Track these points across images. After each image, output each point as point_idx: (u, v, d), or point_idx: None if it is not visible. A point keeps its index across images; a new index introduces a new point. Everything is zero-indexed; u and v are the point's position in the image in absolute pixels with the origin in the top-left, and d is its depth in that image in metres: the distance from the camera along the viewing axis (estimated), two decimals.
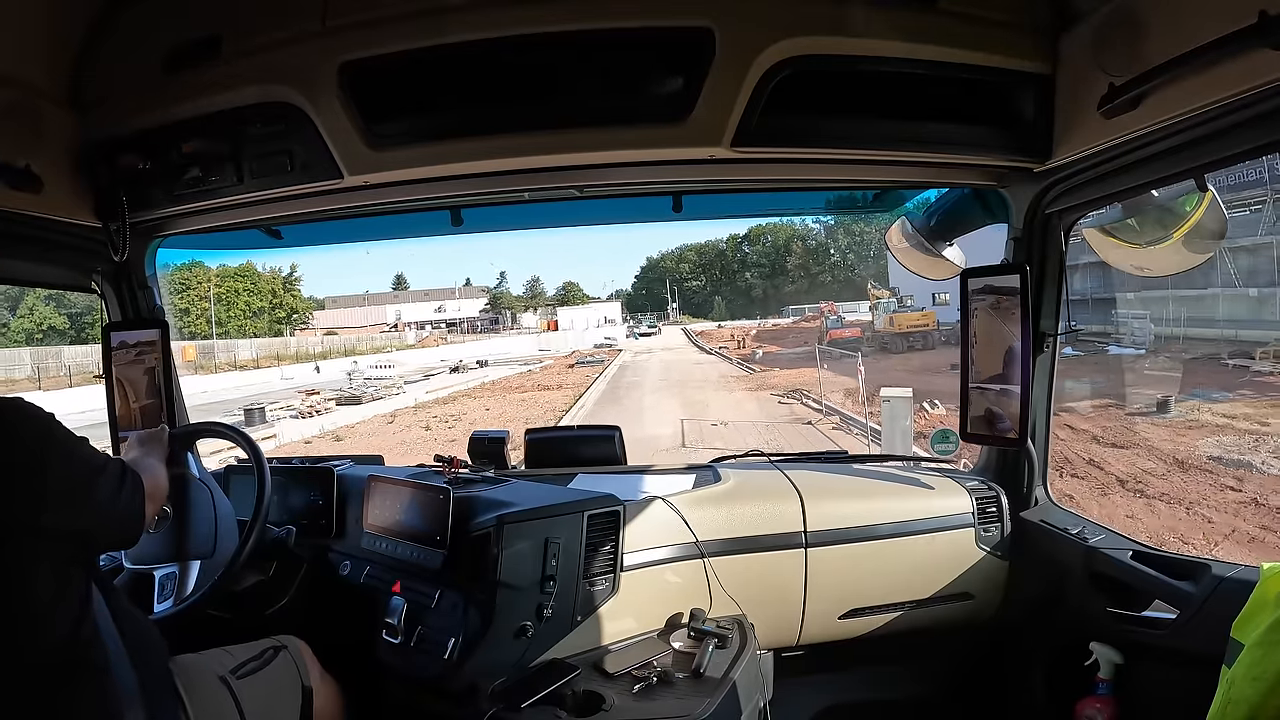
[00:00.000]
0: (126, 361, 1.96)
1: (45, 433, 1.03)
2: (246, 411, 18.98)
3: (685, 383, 21.98)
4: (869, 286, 36.97)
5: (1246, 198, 14.48)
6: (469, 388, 24.81)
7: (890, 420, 9.61)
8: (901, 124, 1.46)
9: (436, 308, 68.05)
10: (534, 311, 69.13)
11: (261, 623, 1.62)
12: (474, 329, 62.73)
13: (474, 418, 17.56)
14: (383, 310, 66.35)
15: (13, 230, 1.55)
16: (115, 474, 1.13)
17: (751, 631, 1.63)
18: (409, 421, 17.89)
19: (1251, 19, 0.97)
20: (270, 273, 54.20)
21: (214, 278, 47.36)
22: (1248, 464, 8.70)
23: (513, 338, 51.25)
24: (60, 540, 1.00)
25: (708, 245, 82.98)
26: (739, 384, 21.76)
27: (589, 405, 18.73)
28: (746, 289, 77.92)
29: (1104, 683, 1.56)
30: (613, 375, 26.50)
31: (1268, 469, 8.50)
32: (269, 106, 1.47)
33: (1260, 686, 1.04)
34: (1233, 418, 10.60)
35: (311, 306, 60.55)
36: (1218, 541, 6.93)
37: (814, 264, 73.26)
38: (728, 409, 16.36)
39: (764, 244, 77.65)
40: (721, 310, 75.72)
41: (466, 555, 1.49)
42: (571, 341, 46.01)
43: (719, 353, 34.24)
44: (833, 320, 32.19)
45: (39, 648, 0.97)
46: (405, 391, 23.84)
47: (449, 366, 32.99)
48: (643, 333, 55.62)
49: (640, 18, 1.35)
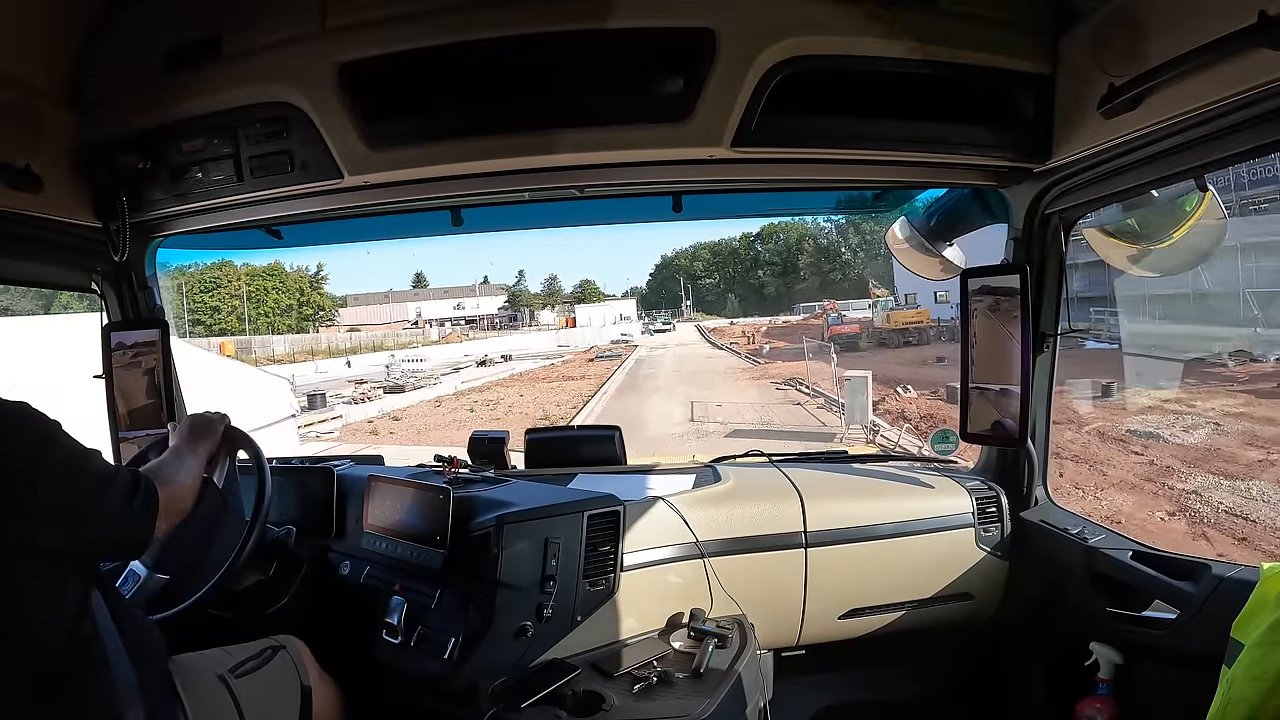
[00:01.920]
0: (127, 362, 1.96)
1: (44, 442, 1.00)
2: (309, 397, 20.07)
3: (696, 373, 24.19)
4: (870, 285, 40.23)
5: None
6: (499, 379, 26.85)
7: (851, 395, 12.70)
8: (901, 124, 1.46)
9: (455, 305, 69.13)
10: (552, 309, 70.04)
11: (261, 623, 1.61)
12: (493, 326, 63.93)
13: (511, 403, 19.68)
14: (403, 308, 67.27)
15: (13, 230, 1.55)
16: (126, 485, 1.10)
17: (751, 631, 1.63)
18: (453, 406, 19.99)
19: (1251, 19, 0.97)
20: (297, 271, 55.79)
21: (243, 275, 48.98)
22: (1157, 435, 10.16)
23: (532, 334, 52.39)
24: (57, 557, 0.98)
25: (721, 244, 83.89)
26: (744, 375, 23.84)
27: (611, 392, 20.94)
28: (759, 287, 78.43)
29: (1104, 683, 1.56)
30: (630, 367, 28.62)
31: (1172, 439, 9.96)
32: (269, 106, 1.47)
33: (1260, 686, 1.04)
34: (1165, 400, 11.87)
35: (336, 304, 61.84)
36: (1104, 488, 8.44)
37: (824, 263, 73.77)
38: (732, 394, 18.72)
39: (776, 243, 78.27)
40: (735, 307, 76.08)
41: (466, 555, 1.49)
42: (589, 338, 47.50)
43: (729, 348, 35.90)
44: (834, 317, 33.92)
45: (37, 652, 0.96)
46: (441, 382, 25.61)
47: (475, 361, 34.41)
48: (658, 329, 56.67)
49: (641, 18, 1.35)
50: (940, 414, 12.89)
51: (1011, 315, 1.72)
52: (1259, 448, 9.07)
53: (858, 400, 12.52)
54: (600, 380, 23.87)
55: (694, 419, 15.06)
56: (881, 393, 15.12)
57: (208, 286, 46.91)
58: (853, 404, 12.59)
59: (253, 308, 49.68)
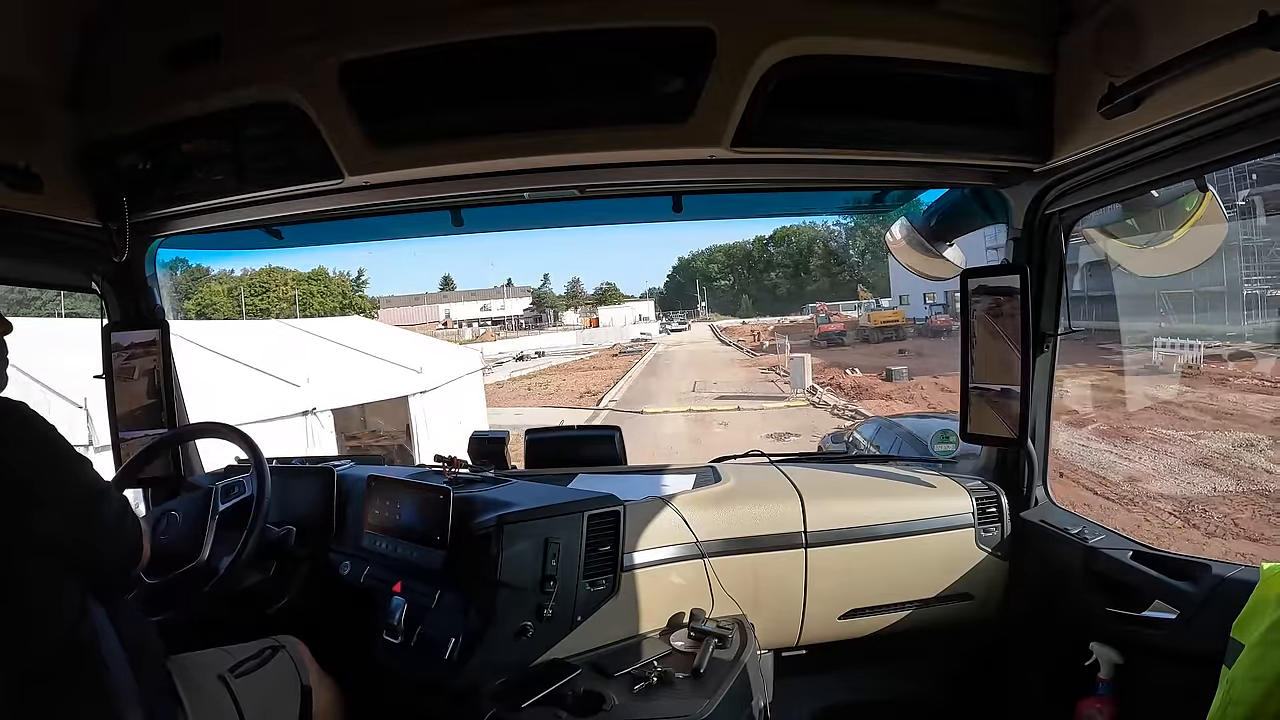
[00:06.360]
0: (127, 362, 1.96)
1: (41, 443, 1.02)
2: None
3: (704, 363, 30.37)
4: (858, 288, 46.81)
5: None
6: (541, 370, 31.56)
7: (795, 370, 20.19)
8: (901, 124, 1.46)
9: (481, 306, 70.89)
10: (575, 310, 72.26)
11: (261, 622, 1.61)
12: (520, 326, 65.84)
13: (557, 384, 25.40)
14: (434, 309, 69.09)
15: (13, 230, 1.54)
16: (119, 502, 1.12)
17: (751, 631, 1.63)
18: (512, 388, 24.95)
19: (1251, 19, 0.97)
20: (340, 276, 59.28)
21: (290, 280, 52.05)
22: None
23: (557, 334, 54.39)
24: (51, 553, 0.99)
25: (736, 246, 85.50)
26: (741, 365, 29.89)
27: (635, 376, 27.60)
28: (772, 288, 79.47)
29: (1104, 683, 1.56)
30: (649, 360, 34.77)
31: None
32: (269, 106, 1.47)
33: (1260, 687, 1.04)
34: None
35: (374, 307, 63.83)
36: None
37: (834, 264, 75.14)
38: (728, 377, 24.92)
39: (789, 245, 79.53)
40: (748, 308, 77.00)
41: (467, 555, 1.49)
42: (612, 337, 50.18)
43: (735, 345, 41.56)
44: (821, 317, 38.15)
45: (36, 651, 0.96)
46: (492, 372, 28.98)
47: (513, 356, 37.62)
48: (674, 329, 60.27)
49: (641, 18, 1.35)
50: (867, 385, 19.01)
51: (1011, 315, 1.72)
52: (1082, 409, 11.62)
53: (797, 372, 19.93)
54: (625, 369, 30.02)
55: (694, 391, 21.66)
56: (834, 373, 21.74)
57: (258, 290, 49.55)
58: (795, 375, 19.99)
59: (301, 310, 51.53)
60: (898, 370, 20.25)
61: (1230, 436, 9.63)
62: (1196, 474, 8.66)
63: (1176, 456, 9.39)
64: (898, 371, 20.12)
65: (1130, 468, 9.20)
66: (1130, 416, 11.51)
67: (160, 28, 1.48)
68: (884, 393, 17.98)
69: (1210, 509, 7.64)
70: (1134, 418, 11.42)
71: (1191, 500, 7.89)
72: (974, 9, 1.37)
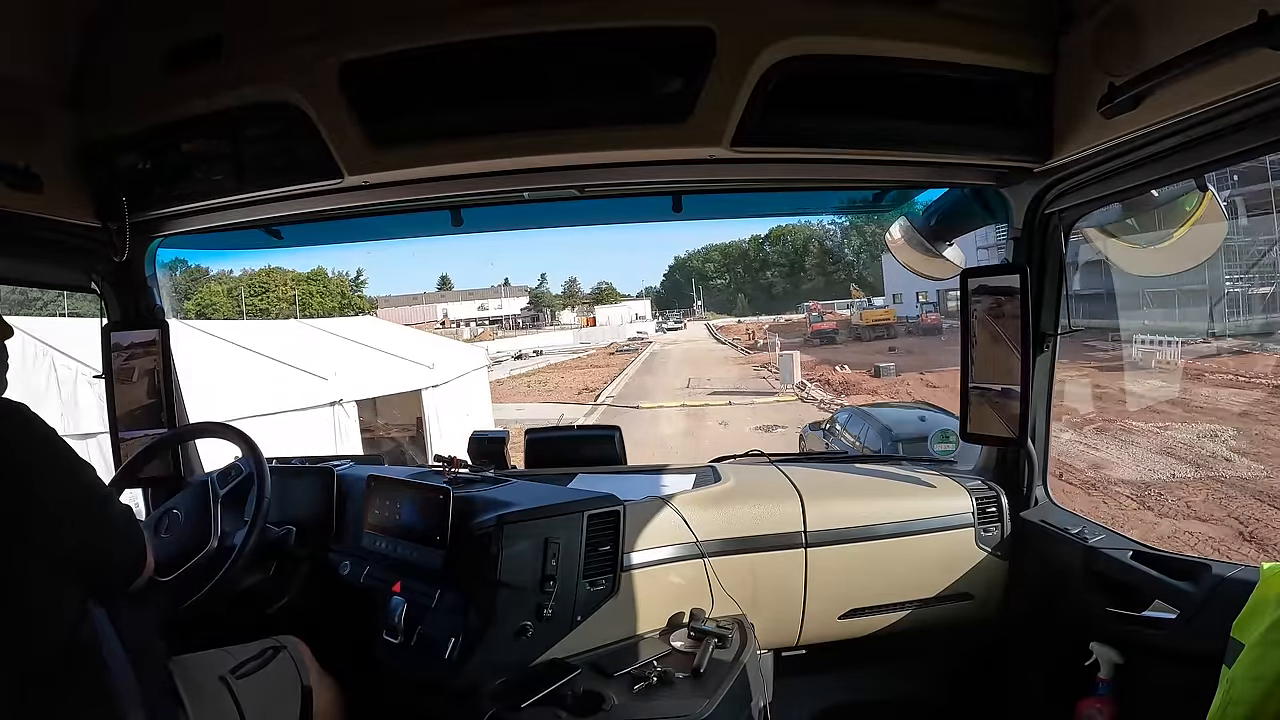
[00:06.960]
0: (126, 362, 1.96)
1: (42, 445, 1.02)
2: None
3: (698, 361, 30.90)
4: (851, 287, 47.09)
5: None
6: (539, 368, 32.01)
7: (784, 365, 20.98)
8: (901, 124, 1.46)
9: (479, 306, 71.42)
10: (572, 309, 72.54)
11: (262, 622, 1.61)
12: (517, 325, 66.18)
13: (556, 381, 26.11)
14: (431, 309, 69.41)
15: (12, 230, 1.54)
16: (123, 509, 1.12)
17: (751, 631, 1.63)
18: (512, 385, 25.53)
19: (1251, 19, 0.97)
20: (338, 276, 59.38)
21: (290, 280, 52.02)
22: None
23: (555, 333, 54.74)
24: (52, 555, 0.99)
25: (731, 245, 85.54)
26: (734, 362, 30.54)
27: (632, 373, 28.18)
28: (768, 287, 79.56)
29: (1104, 683, 1.56)
30: (645, 358, 35.44)
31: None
32: (269, 106, 1.47)
33: (1260, 686, 1.04)
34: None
35: (373, 307, 64.31)
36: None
37: (829, 263, 75.19)
38: (720, 373, 25.64)
39: (784, 244, 79.53)
40: (744, 307, 77.09)
41: (466, 555, 1.49)
42: (608, 336, 50.79)
43: (730, 343, 42.09)
44: (814, 316, 38.73)
45: (37, 653, 0.96)
46: (492, 370, 29.69)
47: (511, 355, 37.78)
48: (670, 328, 60.55)
49: (640, 17, 1.35)
50: (855, 381, 19.67)
51: (1011, 315, 1.72)
52: (1059, 403, 11.77)
53: (786, 368, 20.62)
54: (622, 367, 30.58)
55: (688, 387, 22.44)
56: (823, 369, 22.61)
57: (258, 290, 49.67)
58: (785, 371, 20.59)
59: (301, 310, 51.62)
60: (886, 367, 20.75)
61: (1197, 428, 10.02)
62: (1158, 462, 9.03)
63: (1142, 446, 9.81)
64: (886, 368, 20.56)
65: (1096, 456, 9.55)
66: (1104, 410, 11.77)
67: (161, 28, 1.48)
68: (870, 389, 18.32)
69: (1167, 493, 7.92)
70: (1107, 411, 11.71)
71: (1150, 485, 8.20)
72: (974, 9, 1.37)
